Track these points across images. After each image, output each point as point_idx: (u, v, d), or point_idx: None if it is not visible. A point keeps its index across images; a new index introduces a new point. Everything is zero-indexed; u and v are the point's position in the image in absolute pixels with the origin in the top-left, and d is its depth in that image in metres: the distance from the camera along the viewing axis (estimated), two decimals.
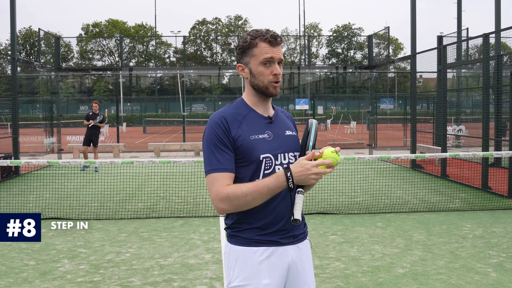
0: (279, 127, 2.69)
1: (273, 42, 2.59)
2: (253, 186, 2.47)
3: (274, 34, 2.61)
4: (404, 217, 9.03)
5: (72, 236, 7.77)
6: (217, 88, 63.98)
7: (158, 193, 11.38)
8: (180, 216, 9.16)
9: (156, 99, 60.07)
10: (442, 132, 14.16)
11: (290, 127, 2.75)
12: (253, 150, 2.55)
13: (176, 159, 9.12)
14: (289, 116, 2.85)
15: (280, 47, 2.62)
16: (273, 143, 2.61)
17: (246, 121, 2.61)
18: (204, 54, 74.81)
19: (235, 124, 2.57)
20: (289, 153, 2.64)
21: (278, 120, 2.72)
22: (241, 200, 2.46)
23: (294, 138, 2.70)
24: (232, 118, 2.59)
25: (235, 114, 2.62)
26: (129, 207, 9.92)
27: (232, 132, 2.55)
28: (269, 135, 2.62)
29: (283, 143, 2.64)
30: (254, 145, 2.56)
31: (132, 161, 9.10)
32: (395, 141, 23.29)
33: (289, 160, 2.63)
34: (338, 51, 75.25)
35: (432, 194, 11.07)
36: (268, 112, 2.70)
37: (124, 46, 67.69)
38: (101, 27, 74.81)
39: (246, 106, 2.67)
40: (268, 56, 2.58)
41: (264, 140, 2.59)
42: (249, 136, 2.57)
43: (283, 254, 2.61)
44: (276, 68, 2.60)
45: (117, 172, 13.77)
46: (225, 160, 2.53)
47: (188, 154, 21.87)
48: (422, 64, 15.81)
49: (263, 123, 2.65)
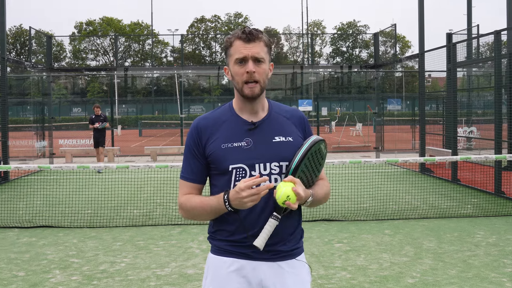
0: (265, 133, 2.56)
1: (246, 38, 2.50)
2: (200, 201, 2.52)
3: (248, 29, 2.52)
4: (413, 224, 8.99)
5: (64, 245, 7.72)
6: (217, 89, 64.04)
7: (154, 200, 11.34)
8: (177, 224, 9.11)
9: (152, 100, 60.11)
10: (453, 134, 14.12)
11: (285, 131, 2.59)
12: (223, 160, 2.51)
13: (174, 163, 9.08)
14: (295, 116, 2.68)
15: (258, 43, 2.51)
16: (251, 151, 2.51)
17: (223, 127, 2.56)
18: (202, 53, 74.92)
19: (208, 131, 2.56)
20: (272, 163, 2.51)
21: (268, 124, 2.59)
22: (190, 212, 2.56)
23: (285, 145, 2.54)
24: (208, 125, 2.57)
25: (215, 119, 2.59)
26: (124, 214, 9.89)
27: (203, 140, 2.55)
28: (248, 142, 2.52)
29: (267, 151, 2.52)
30: (225, 154, 2.51)
31: (128, 166, 9.06)
32: (403, 144, 23.25)
33: (271, 170, 2.51)
34: (342, 49, 75.34)
35: (442, 200, 11.03)
36: (255, 117, 2.59)
37: (119, 45, 67.82)
38: (95, 25, 74.95)
39: (230, 110, 2.62)
40: (240, 56, 2.50)
41: (238, 148, 2.51)
42: (220, 144, 2.52)
43: (256, 270, 2.52)
44: (248, 66, 2.50)
45: (112, 178, 13.73)
46: (191, 169, 2.59)
47: None
48: (430, 63, 15.78)
49: (243, 129, 2.55)
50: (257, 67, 2.51)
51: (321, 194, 2.59)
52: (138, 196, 11.68)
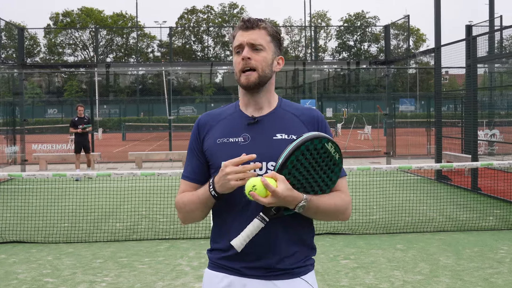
0: (266, 129, 2.57)
1: (244, 26, 2.58)
2: (191, 195, 2.59)
3: (247, 17, 2.60)
4: (428, 237, 8.98)
5: (38, 263, 7.70)
6: (209, 88, 64.10)
7: (139, 211, 11.32)
8: (165, 238, 9.10)
9: (137, 100, 60.10)
10: (472, 137, 14.13)
11: (289, 128, 2.59)
12: (216, 156, 2.56)
13: (161, 171, 9.07)
14: (306, 114, 2.66)
15: (258, 31, 2.57)
16: (247, 148, 2.52)
17: (224, 122, 2.63)
18: (193, 48, 74.98)
19: (207, 127, 2.65)
20: (269, 162, 2.51)
21: (270, 120, 2.60)
22: (183, 210, 2.63)
23: (286, 144, 2.49)
24: (209, 120, 2.67)
25: (217, 115, 2.68)
26: (105, 227, 9.86)
27: (201, 136, 2.65)
28: (246, 138, 2.56)
29: (265, 149, 2.52)
30: (218, 150, 2.56)
31: (110, 174, 9.05)
32: (417, 149, 23.27)
33: (267, 170, 2.50)
34: (349, 43, 75.47)
35: (461, 211, 11.03)
36: (259, 112, 2.62)
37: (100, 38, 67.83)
38: (73, 16, 75.01)
39: (235, 106, 2.69)
40: (236, 43, 2.58)
41: (234, 144, 2.55)
42: (216, 139, 2.59)
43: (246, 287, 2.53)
44: (244, 52, 2.55)
45: (92, 187, 13.71)
46: (191, 167, 2.67)
47: (175, 165, 21.81)
48: (448, 59, 15.81)
49: (242, 124, 2.59)
50: (254, 54, 2.55)
51: (327, 204, 2.50)
52: (121, 207, 11.66)
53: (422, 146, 23.71)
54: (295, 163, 2.38)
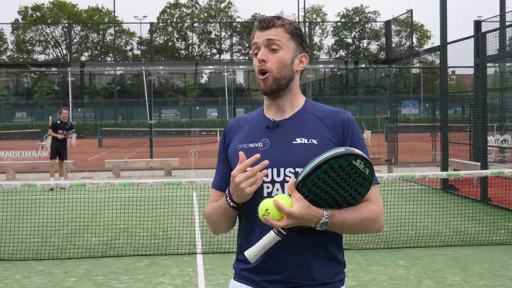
0: (286, 133, 2.65)
1: (259, 26, 2.66)
2: (214, 205, 2.72)
3: (263, 16, 2.66)
4: (433, 253, 9.00)
5: (4, 283, 7.66)
6: (194, 89, 64.03)
7: (117, 225, 11.28)
8: (145, 255, 9.08)
9: (115, 103, 59.99)
10: (482, 143, 14.18)
11: (310, 132, 2.63)
12: (235, 162, 2.62)
13: (141, 180, 9.06)
14: (332, 116, 2.67)
15: (274, 30, 2.65)
16: (266, 154, 2.58)
17: (247, 127, 2.75)
18: (177, 45, 74.96)
19: (232, 132, 2.79)
20: (287, 169, 2.57)
21: (291, 123, 2.67)
22: (209, 221, 2.78)
23: (305, 148, 2.57)
24: (235, 126, 2.81)
25: (242, 119, 2.83)
26: (79, 243, 9.83)
27: (226, 141, 2.80)
28: (265, 143, 2.64)
29: (284, 154, 2.59)
30: (237, 155, 2.62)
31: (84, 183, 9.02)
32: (421, 156, 23.32)
33: (285, 177, 2.57)
34: (347, 41, 75.64)
35: (469, 224, 11.06)
36: (281, 115, 2.70)
37: (73, 35, 67.66)
38: (44, 10, 74.84)
39: (260, 110, 2.80)
40: (253, 42, 2.67)
41: (254, 150, 2.63)
42: (237, 145, 2.71)
43: None
44: (259, 54, 2.64)
45: (64, 198, 13.65)
46: (219, 175, 2.82)
47: (157, 173, 21.77)
48: (455, 57, 15.87)
49: (263, 128, 2.69)
50: (270, 55, 2.63)
51: (353, 218, 2.52)
52: (97, 220, 11.61)
53: (427, 153, 23.77)
54: (316, 181, 2.40)
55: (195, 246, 9.49)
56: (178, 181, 9.06)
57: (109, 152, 34.31)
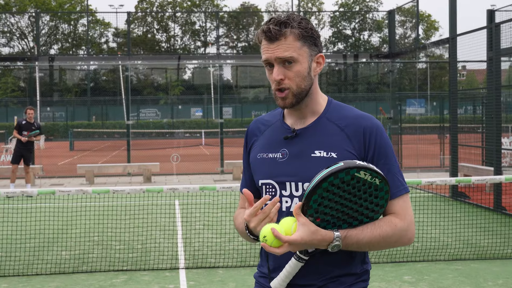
0: (305, 144, 2.71)
1: (267, 38, 2.67)
2: (240, 219, 2.82)
3: (268, 26, 2.66)
4: (442, 267, 9.01)
5: None
6: (176, 86, 63.97)
7: (90, 237, 11.25)
8: (122, 270, 9.05)
9: (88, 102, 59.88)
10: (495, 146, 14.21)
11: (329, 144, 2.68)
12: (255, 173, 2.80)
13: (118, 187, 9.04)
14: (354, 124, 2.72)
15: (284, 41, 2.65)
16: (284, 166, 2.69)
17: (267, 133, 2.84)
18: (157, 37, 74.88)
19: (254, 136, 2.91)
20: (305, 183, 2.63)
21: (311, 133, 2.72)
22: (238, 231, 2.88)
23: (324, 162, 2.61)
24: (255, 130, 2.92)
25: (264, 122, 2.90)
26: (48, 257, 9.78)
27: (248, 146, 2.94)
28: (284, 154, 2.72)
29: (302, 168, 2.67)
30: (258, 165, 2.78)
31: (54, 191, 8.98)
32: (427, 160, 23.37)
33: (304, 192, 2.61)
34: (346, 32, 75.80)
35: (482, 235, 11.08)
36: (301, 122, 2.76)
37: (42, 25, 67.51)
38: None
39: (279, 114, 2.87)
40: (264, 58, 2.70)
41: (273, 160, 2.74)
42: (257, 153, 2.84)
43: None
44: (273, 72, 2.67)
45: (31, 207, 13.61)
46: (245, 179, 2.97)
47: (135, 180, 21.72)
48: (465, 50, 15.91)
49: (282, 137, 2.76)
50: (286, 71, 2.66)
51: (371, 237, 2.59)
52: (68, 232, 11.57)
53: (434, 157, 23.82)
54: (321, 201, 2.48)
55: (178, 260, 9.47)
56: (159, 188, 9.03)
57: (81, 156, 34.23)
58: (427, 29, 76.01)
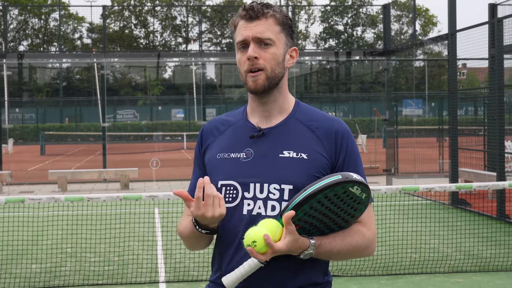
0: (273, 144, 2.73)
1: (246, 16, 2.71)
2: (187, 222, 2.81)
3: (250, 4, 2.71)
4: (442, 280, 9.03)
5: None
6: (156, 85, 63.90)
7: (63, 249, 11.22)
8: (97, 284, 9.04)
9: (60, 102, 59.71)
10: (498, 149, 14.25)
11: (299, 144, 2.73)
12: (213, 173, 2.77)
13: (92, 194, 9.00)
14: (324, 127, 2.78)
15: (264, 21, 2.70)
16: (248, 166, 2.70)
17: (227, 133, 2.84)
18: (135, 33, 74.81)
19: (211, 136, 2.90)
20: (272, 185, 2.66)
21: (279, 133, 2.75)
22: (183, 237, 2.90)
23: (293, 163, 2.68)
24: (212, 129, 2.92)
25: (222, 122, 2.90)
26: (16, 271, 9.75)
27: (204, 147, 2.92)
28: (248, 154, 2.73)
29: (268, 168, 2.68)
30: (217, 166, 2.77)
31: (23, 199, 8.94)
32: (425, 164, 23.43)
33: (269, 194, 2.65)
34: (338, 28, 75.97)
35: (484, 245, 11.11)
36: (267, 121, 2.78)
37: (9, 20, 67.28)
38: None
39: (241, 113, 2.88)
40: (240, 39, 2.72)
41: (235, 161, 2.74)
42: (217, 153, 2.80)
43: None
44: (248, 50, 2.69)
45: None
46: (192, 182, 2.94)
47: (111, 186, 21.67)
48: (466, 47, 15.96)
49: (246, 137, 2.76)
50: (261, 51, 2.70)
51: (342, 246, 2.66)
52: (39, 243, 11.52)
53: (433, 161, 23.88)
54: (308, 211, 2.51)
55: (157, 273, 9.45)
56: (137, 196, 9.01)
57: (53, 161, 34.15)
58: (425, 24, 76.27)
